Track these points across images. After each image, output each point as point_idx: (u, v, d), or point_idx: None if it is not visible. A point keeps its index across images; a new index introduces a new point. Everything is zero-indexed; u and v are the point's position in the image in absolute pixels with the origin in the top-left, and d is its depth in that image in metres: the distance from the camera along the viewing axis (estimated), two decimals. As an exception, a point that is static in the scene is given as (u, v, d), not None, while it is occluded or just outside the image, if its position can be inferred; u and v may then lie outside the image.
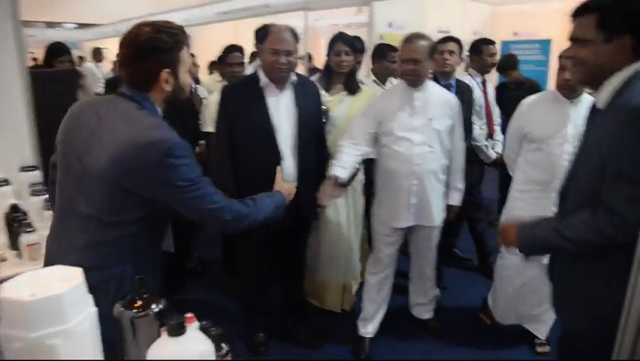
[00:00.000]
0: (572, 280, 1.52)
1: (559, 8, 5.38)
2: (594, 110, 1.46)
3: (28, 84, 2.55)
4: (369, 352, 2.56)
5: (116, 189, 1.34)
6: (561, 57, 2.28)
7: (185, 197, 1.38)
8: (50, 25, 11.10)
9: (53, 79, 3.14)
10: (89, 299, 0.95)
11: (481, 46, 3.34)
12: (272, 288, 2.66)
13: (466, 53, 4.38)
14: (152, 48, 1.35)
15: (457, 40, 3.04)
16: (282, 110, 2.23)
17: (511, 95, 3.50)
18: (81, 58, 9.04)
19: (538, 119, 2.32)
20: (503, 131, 3.00)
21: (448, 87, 2.82)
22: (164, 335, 0.91)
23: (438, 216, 2.47)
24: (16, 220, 1.89)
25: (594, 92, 1.47)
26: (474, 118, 3.12)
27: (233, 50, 3.36)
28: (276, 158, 2.19)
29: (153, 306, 1.04)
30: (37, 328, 0.85)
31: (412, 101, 2.32)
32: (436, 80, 2.78)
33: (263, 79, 2.20)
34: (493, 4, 5.88)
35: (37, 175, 2.42)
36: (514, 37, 6.37)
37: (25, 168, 2.42)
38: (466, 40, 5.33)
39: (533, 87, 3.70)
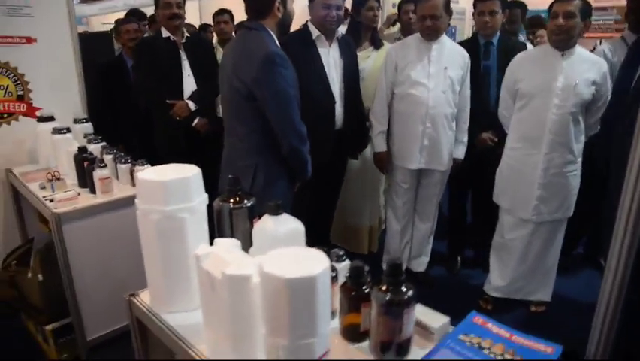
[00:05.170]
0: None
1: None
2: None
3: (78, 48, 2.76)
4: None
5: (238, 96, 1.83)
6: (552, 5, 2.21)
7: (274, 100, 1.79)
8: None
9: (90, 42, 3.33)
10: (203, 187, 1.17)
11: None
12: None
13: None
14: None
15: None
16: (331, 61, 2.48)
17: None
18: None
19: (529, 73, 2.28)
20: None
21: (487, 46, 2.72)
22: (266, 216, 1.13)
23: (447, 161, 2.61)
24: (87, 160, 2.10)
25: None
26: None
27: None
28: (330, 101, 2.46)
29: (246, 201, 1.26)
30: (171, 203, 1.07)
31: (429, 52, 2.47)
32: (475, 38, 2.78)
33: (314, 32, 2.43)
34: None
35: (89, 127, 2.63)
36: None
37: (77, 121, 2.63)
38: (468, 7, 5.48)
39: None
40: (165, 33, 2.87)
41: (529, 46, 2.86)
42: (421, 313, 1.05)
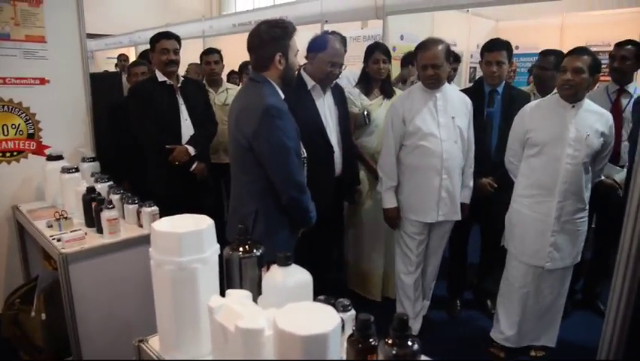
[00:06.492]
0: None
1: (556, 24, 5.74)
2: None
3: (89, 89, 2.86)
4: None
5: (240, 147, 1.87)
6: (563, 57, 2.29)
7: (271, 152, 1.83)
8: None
9: (100, 81, 3.42)
10: (215, 238, 1.21)
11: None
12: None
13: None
14: (269, 38, 1.84)
15: (507, 47, 2.76)
16: (326, 110, 2.55)
17: None
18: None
19: (540, 123, 2.32)
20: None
21: (492, 94, 2.79)
22: (275, 266, 1.18)
23: (460, 211, 2.60)
24: (95, 200, 2.14)
25: None
26: None
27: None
28: (329, 150, 2.51)
29: (255, 251, 1.30)
30: (185, 254, 1.11)
31: (435, 101, 2.46)
32: (480, 84, 2.84)
33: (310, 82, 2.48)
34: (497, 19, 6.22)
35: (96, 165, 2.69)
36: (515, 51, 6.71)
37: (85, 159, 2.68)
38: (471, 51, 5.70)
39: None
40: (161, 77, 2.83)
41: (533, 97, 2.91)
42: (426, 366, 1.08)
